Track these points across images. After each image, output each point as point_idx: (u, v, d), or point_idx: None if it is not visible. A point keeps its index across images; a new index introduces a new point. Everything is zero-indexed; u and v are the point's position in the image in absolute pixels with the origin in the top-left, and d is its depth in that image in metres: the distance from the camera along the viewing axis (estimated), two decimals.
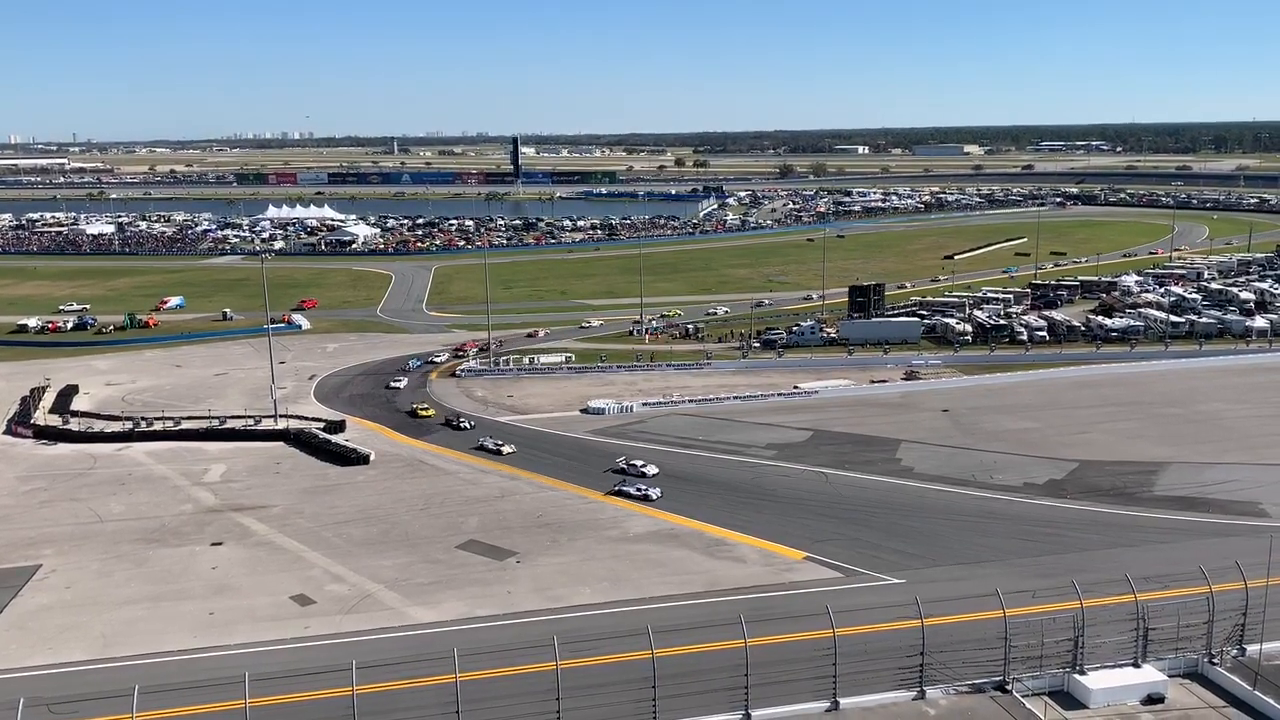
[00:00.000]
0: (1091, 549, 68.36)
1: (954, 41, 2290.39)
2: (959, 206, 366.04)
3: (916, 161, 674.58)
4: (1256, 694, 48.26)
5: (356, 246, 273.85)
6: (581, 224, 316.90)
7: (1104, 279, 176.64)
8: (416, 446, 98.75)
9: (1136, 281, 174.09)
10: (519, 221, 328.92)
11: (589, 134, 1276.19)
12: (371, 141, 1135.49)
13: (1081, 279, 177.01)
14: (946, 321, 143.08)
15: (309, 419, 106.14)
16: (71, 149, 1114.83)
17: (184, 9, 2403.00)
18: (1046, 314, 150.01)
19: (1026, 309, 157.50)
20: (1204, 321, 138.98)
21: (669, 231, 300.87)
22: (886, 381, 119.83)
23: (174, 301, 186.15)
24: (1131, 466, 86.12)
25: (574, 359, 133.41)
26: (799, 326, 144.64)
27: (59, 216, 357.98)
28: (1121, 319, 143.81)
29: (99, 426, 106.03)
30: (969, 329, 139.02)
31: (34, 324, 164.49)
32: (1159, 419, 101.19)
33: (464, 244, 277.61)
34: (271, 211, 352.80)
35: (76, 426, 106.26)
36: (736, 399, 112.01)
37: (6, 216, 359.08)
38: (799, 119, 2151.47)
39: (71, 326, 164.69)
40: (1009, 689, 49.71)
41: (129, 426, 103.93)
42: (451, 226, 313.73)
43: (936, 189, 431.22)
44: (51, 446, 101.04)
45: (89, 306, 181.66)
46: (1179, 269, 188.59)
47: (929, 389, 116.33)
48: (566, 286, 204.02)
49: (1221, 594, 51.42)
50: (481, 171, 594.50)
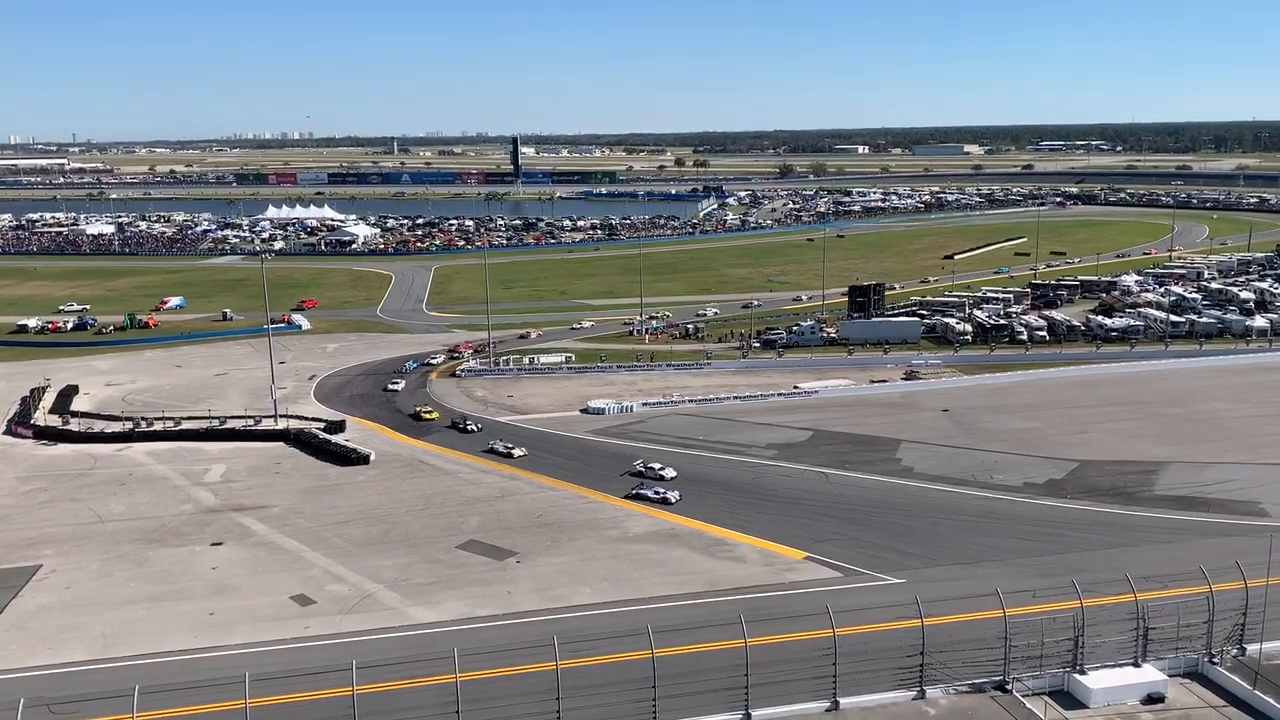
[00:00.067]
0: (1092, 549, 68.35)
1: (954, 41, 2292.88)
2: (959, 206, 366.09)
3: (916, 161, 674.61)
4: (1257, 693, 48.26)
5: (356, 246, 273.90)
6: (581, 224, 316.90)
7: (1104, 279, 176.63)
8: (417, 446, 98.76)
9: (1136, 281, 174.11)
10: (519, 221, 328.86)
11: (589, 134, 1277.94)
12: (371, 141, 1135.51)
13: (1081, 279, 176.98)
14: (946, 321, 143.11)
15: (309, 419, 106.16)
16: (71, 149, 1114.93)
17: (184, 9, 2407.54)
18: (1046, 314, 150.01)
19: (1026, 309, 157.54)
20: (1204, 321, 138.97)
21: (669, 231, 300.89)
22: (886, 381, 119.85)
23: (174, 302, 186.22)
24: (1132, 466, 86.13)
25: (574, 359, 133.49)
26: (799, 326, 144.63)
27: (59, 217, 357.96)
28: (1121, 319, 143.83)
29: (99, 427, 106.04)
30: (969, 329, 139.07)
31: (34, 324, 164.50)
32: (1159, 419, 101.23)
33: (464, 244, 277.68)
34: (271, 212, 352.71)
35: (77, 427, 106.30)
36: (736, 399, 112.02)
37: (6, 217, 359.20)
38: (799, 119, 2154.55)
39: (71, 327, 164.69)
40: (1009, 689, 49.70)
41: (129, 427, 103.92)
42: (451, 226, 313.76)
43: (936, 189, 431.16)
44: (52, 447, 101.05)
45: (89, 307, 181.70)
46: (1179, 269, 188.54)
47: (929, 389, 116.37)
48: (566, 286, 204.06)
49: (1221, 594, 51.42)
50: (481, 171, 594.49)
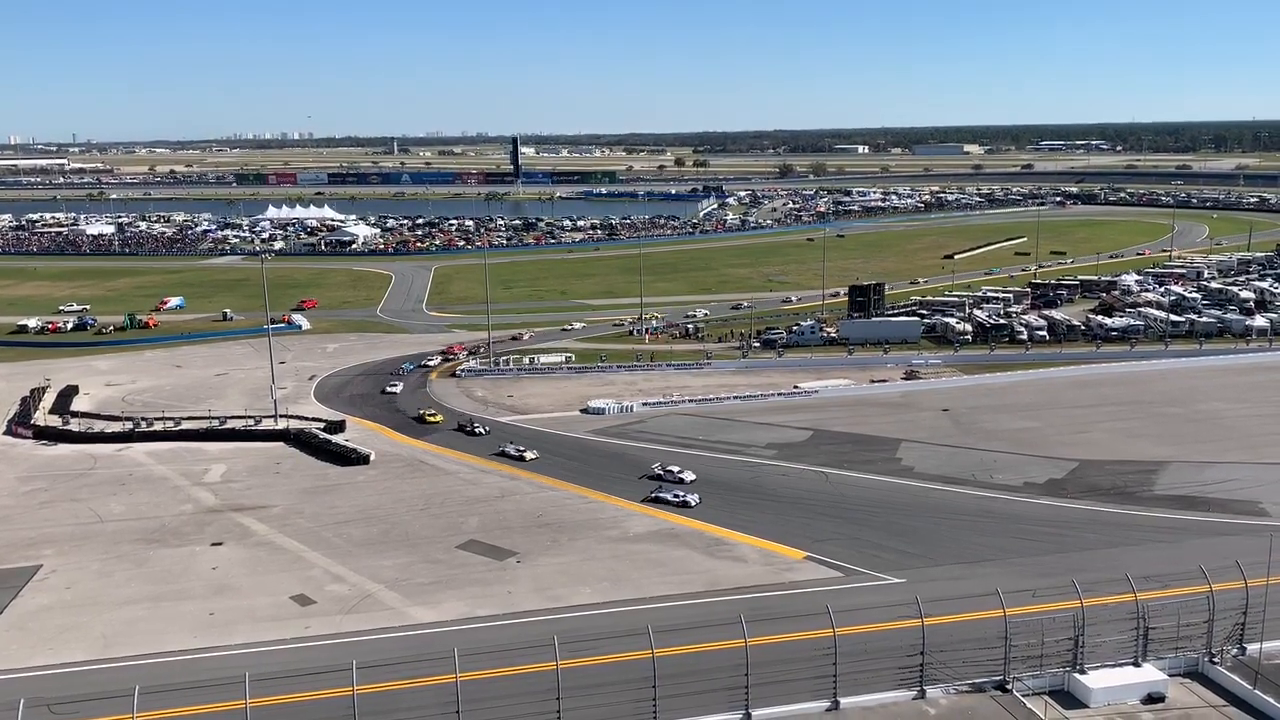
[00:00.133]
0: (1092, 548, 68.36)
1: (954, 41, 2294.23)
2: (959, 206, 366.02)
3: (916, 161, 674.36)
4: (1257, 693, 48.28)
5: (356, 247, 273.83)
6: (581, 224, 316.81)
7: (1104, 278, 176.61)
8: (417, 446, 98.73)
9: (1136, 281, 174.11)
10: (519, 221, 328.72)
11: (589, 134, 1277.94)
12: (371, 142, 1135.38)
13: (1081, 278, 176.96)
14: (946, 321, 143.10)
15: (309, 419, 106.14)
16: (71, 149, 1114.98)
17: (184, 9, 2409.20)
18: (1046, 313, 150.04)
19: (1026, 308, 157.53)
20: (1204, 321, 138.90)
21: (669, 231, 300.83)
22: (886, 381, 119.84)
23: (174, 302, 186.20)
24: (1132, 466, 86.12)
25: (574, 359, 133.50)
26: (799, 326, 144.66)
27: (59, 217, 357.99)
28: (1121, 318, 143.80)
29: (99, 427, 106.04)
30: (969, 328, 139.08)
31: (34, 324, 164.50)
32: (1159, 418, 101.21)
33: (464, 244, 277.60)
34: (271, 212, 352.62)
35: (77, 427, 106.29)
36: (736, 399, 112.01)
37: (6, 217, 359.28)
38: (799, 119, 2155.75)
39: (71, 327, 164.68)
40: (1009, 688, 49.71)
41: (129, 427, 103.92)
42: (451, 226, 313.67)
43: (936, 188, 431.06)
44: (52, 447, 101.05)
45: (89, 307, 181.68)
46: (1179, 268, 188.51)
47: (929, 388, 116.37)
48: (566, 286, 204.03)
49: (1222, 593, 51.43)
50: (481, 171, 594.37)
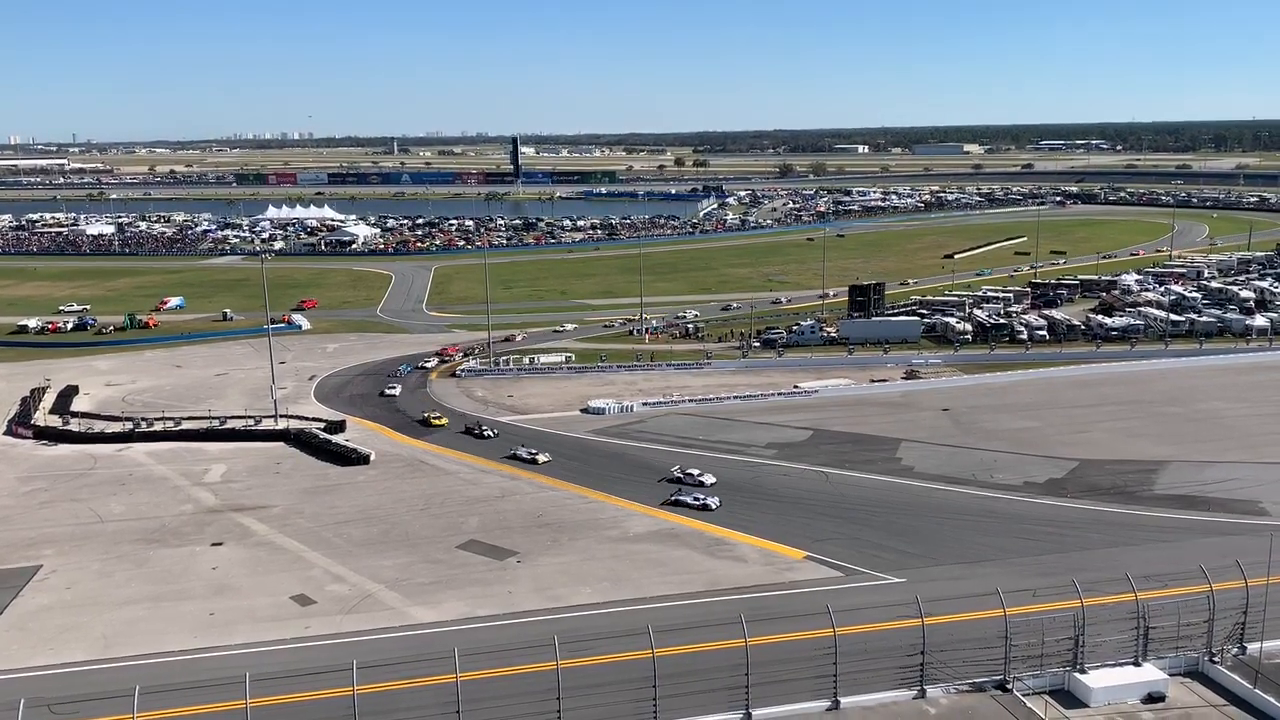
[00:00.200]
0: (1092, 548, 68.36)
1: (954, 41, 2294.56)
2: (959, 205, 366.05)
3: (916, 161, 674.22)
4: (1257, 692, 48.26)
5: (356, 247, 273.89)
6: (581, 224, 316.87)
7: (1104, 278, 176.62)
8: (417, 446, 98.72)
9: (1136, 280, 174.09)
10: (519, 221, 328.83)
11: (589, 134, 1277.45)
12: (371, 142, 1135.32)
13: (1081, 278, 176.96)
14: (946, 321, 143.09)
15: (309, 419, 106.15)
16: (71, 149, 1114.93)
17: (184, 9, 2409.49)
18: (1046, 313, 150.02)
19: (1026, 308, 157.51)
20: (1204, 320, 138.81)
21: (669, 231, 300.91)
22: (886, 381, 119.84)
23: (174, 302, 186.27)
24: (1132, 465, 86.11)
25: (574, 359, 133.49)
26: (799, 326, 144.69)
27: (59, 217, 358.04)
28: (1121, 318, 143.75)
29: (99, 427, 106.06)
30: (969, 328, 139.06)
31: (34, 324, 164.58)
32: (1159, 418, 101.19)
33: (464, 244, 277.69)
34: (271, 212, 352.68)
35: (77, 427, 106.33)
36: (737, 398, 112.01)
37: (6, 217, 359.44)
38: (798, 118, 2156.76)
39: (71, 327, 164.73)
40: (1009, 688, 49.69)
41: (129, 427, 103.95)
42: (451, 226, 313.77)
43: (936, 188, 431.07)
44: (52, 447, 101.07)
45: (89, 307, 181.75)
46: (1179, 268, 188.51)
47: (929, 388, 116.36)
48: (566, 286, 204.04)
49: (1222, 592, 51.40)
50: (481, 171, 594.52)
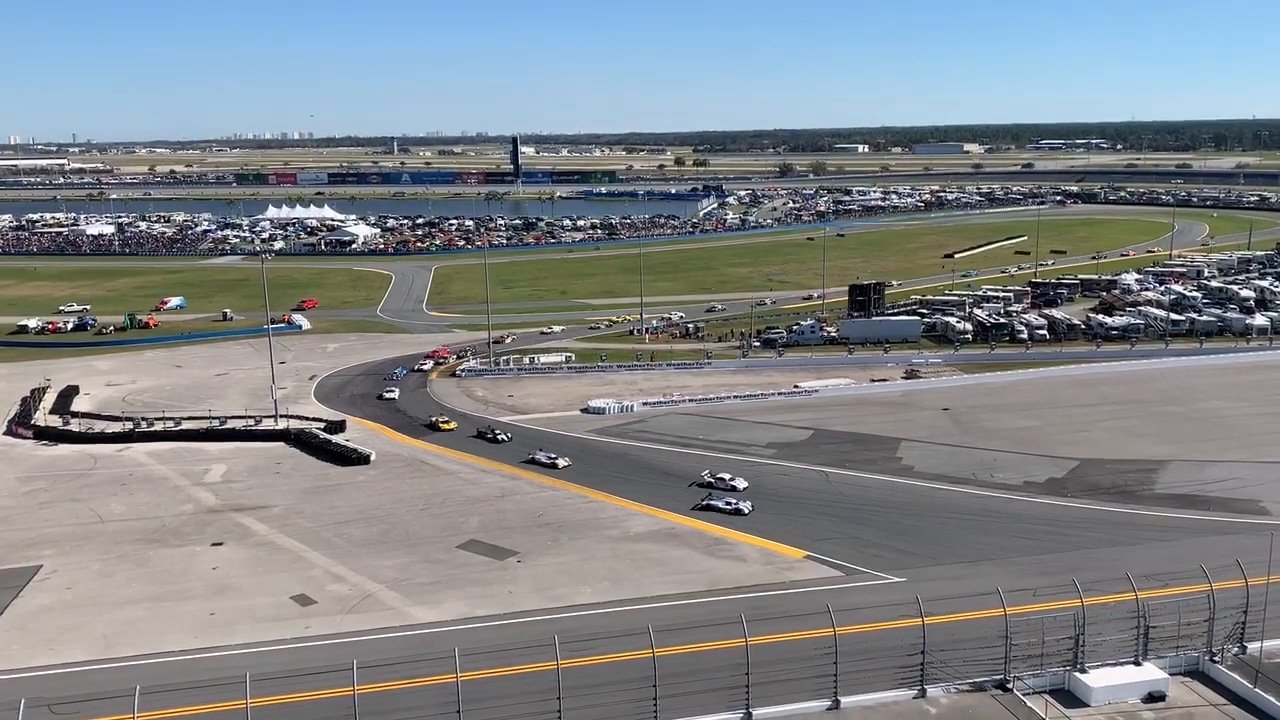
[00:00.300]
0: (1092, 547, 68.37)
1: (953, 40, 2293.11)
2: (959, 205, 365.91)
3: (916, 160, 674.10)
4: (1258, 691, 48.26)
5: (356, 246, 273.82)
6: (581, 223, 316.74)
7: (1104, 277, 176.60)
8: (417, 446, 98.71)
9: (1137, 280, 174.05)
10: (519, 221, 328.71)
11: (589, 134, 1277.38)
12: (371, 141, 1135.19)
13: (1081, 277, 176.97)
14: (947, 320, 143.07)
15: (309, 419, 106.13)
16: (71, 149, 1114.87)
17: (184, 9, 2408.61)
18: (1047, 312, 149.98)
19: (1027, 307, 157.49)
20: (1204, 319, 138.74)
21: (669, 231, 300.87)
22: (887, 380, 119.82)
23: (174, 302, 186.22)
24: (1132, 465, 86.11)
25: (574, 358, 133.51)
26: (799, 326, 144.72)
27: (59, 217, 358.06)
28: (1122, 317, 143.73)
29: (99, 427, 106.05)
30: (969, 328, 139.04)
31: (34, 325, 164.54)
32: (1159, 417, 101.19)
33: (464, 244, 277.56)
34: (271, 212, 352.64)
35: (77, 427, 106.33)
36: (737, 398, 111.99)
37: (6, 217, 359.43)
38: (798, 118, 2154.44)
39: (72, 327, 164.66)
40: (1010, 687, 49.69)
41: (129, 427, 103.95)
42: (451, 226, 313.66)
43: (936, 187, 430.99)
44: (52, 447, 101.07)
45: (89, 307, 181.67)
46: (1179, 267, 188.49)
47: (929, 388, 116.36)
48: (566, 286, 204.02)
49: (1222, 592, 51.40)
50: (481, 171, 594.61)
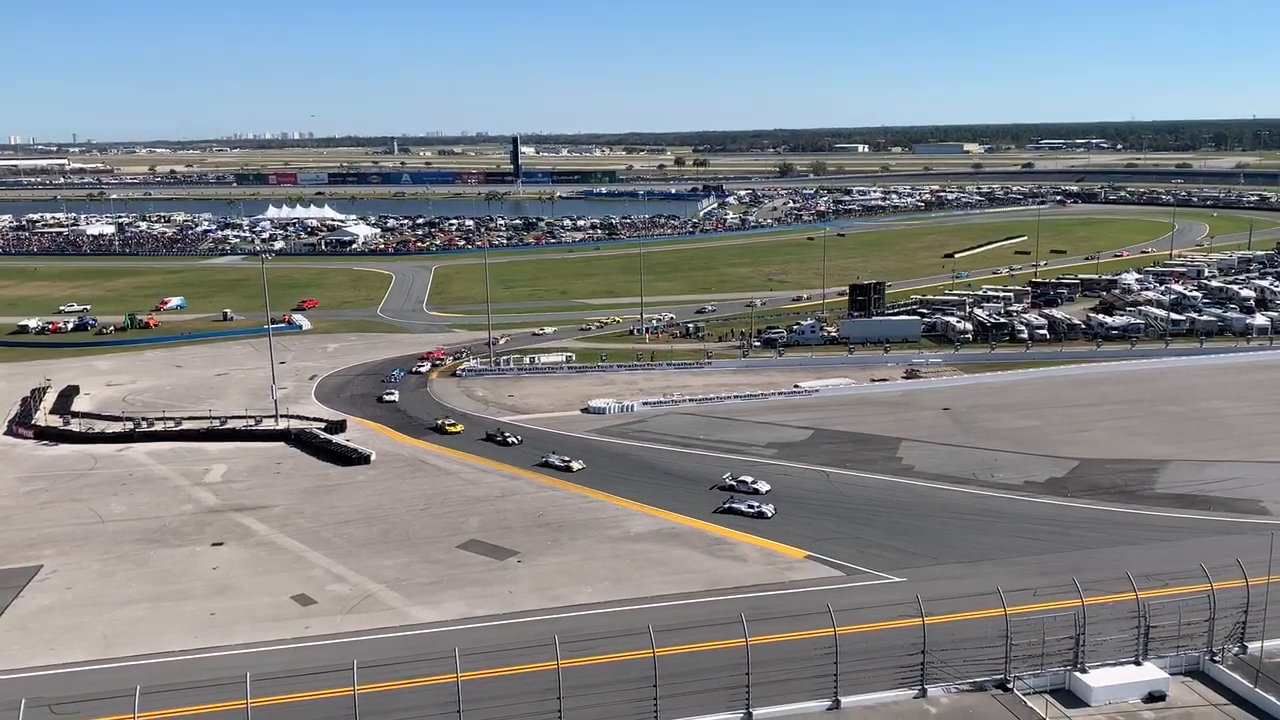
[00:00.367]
0: (1092, 547, 68.30)
1: (954, 40, 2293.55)
2: (959, 205, 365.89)
3: (916, 160, 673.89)
4: (1258, 691, 48.21)
5: (356, 246, 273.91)
6: (581, 223, 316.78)
7: (1104, 277, 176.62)
8: (418, 446, 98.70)
9: (1137, 279, 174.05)
10: (519, 221, 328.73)
11: (589, 134, 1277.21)
12: (371, 141, 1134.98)
13: (1082, 277, 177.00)
14: (947, 320, 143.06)
15: (310, 419, 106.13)
16: (71, 149, 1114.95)
17: (184, 9, 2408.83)
18: (1047, 312, 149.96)
19: (1027, 307, 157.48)
20: (1204, 319, 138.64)
21: (669, 231, 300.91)
22: (887, 380, 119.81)
23: (174, 302, 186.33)
24: (1132, 464, 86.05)
25: (574, 358, 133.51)
26: (799, 325, 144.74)
27: (59, 217, 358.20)
28: (1122, 317, 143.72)
29: (100, 427, 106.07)
30: (969, 327, 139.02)
31: (34, 325, 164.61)
32: (1160, 417, 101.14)
33: (464, 244, 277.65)
34: (271, 212, 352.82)
35: (77, 427, 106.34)
36: (737, 398, 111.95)
37: (7, 217, 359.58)
38: (798, 118, 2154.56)
39: (72, 327, 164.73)
40: (1010, 687, 49.65)
41: (130, 427, 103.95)
42: (452, 226, 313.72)
43: (936, 187, 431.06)
44: (52, 447, 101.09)
45: (89, 307, 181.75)
46: (1179, 267, 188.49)
47: (930, 387, 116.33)
48: (566, 286, 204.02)
49: (1223, 592, 51.33)
50: (481, 171, 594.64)
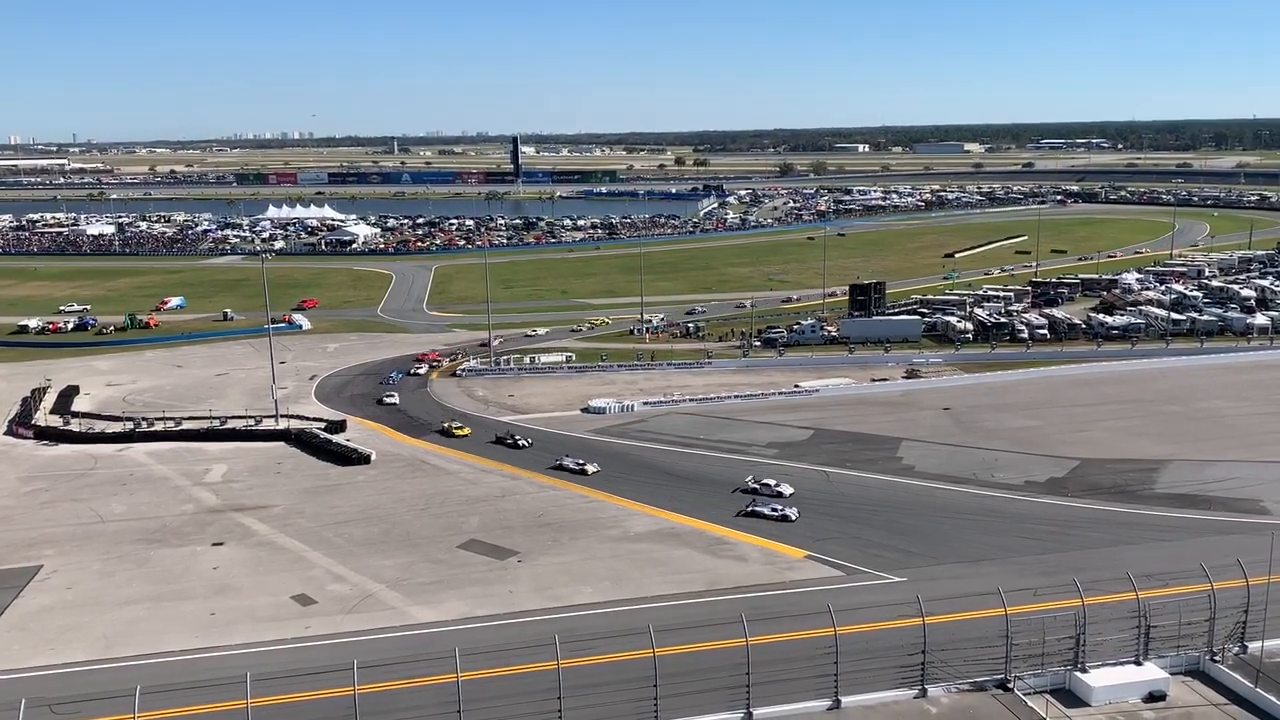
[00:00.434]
0: (1093, 547, 68.33)
1: (953, 39, 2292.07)
2: (959, 204, 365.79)
3: (917, 160, 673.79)
4: (1258, 691, 48.24)
5: (357, 246, 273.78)
6: (582, 223, 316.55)
7: (1104, 276, 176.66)
8: (418, 446, 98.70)
9: (1137, 279, 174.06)
10: (519, 221, 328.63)
11: (589, 133, 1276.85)
12: (372, 141, 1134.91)
13: (1082, 276, 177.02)
14: (947, 320, 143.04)
15: (310, 419, 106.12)
16: (71, 149, 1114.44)
17: (184, 9, 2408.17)
18: (1047, 312, 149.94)
19: (1027, 307, 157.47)
20: (1205, 319, 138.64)
21: (669, 230, 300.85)
22: (887, 380, 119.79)
23: (174, 302, 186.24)
24: (1133, 464, 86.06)
25: (574, 358, 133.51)
26: (800, 325, 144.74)
27: (59, 217, 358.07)
28: (1122, 317, 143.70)
29: (100, 427, 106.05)
30: (970, 327, 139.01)
31: (35, 325, 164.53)
32: (1160, 417, 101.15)
33: (464, 244, 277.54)
34: (272, 211, 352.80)
35: (77, 427, 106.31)
36: (737, 398, 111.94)
37: (7, 217, 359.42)
38: (799, 117, 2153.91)
39: (72, 327, 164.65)
40: (1010, 687, 49.67)
41: (130, 427, 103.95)
42: (452, 226, 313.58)
43: (937, 187, 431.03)
44: (52, 447, 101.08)
45: (89, 307, 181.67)
46: (1180, 266, 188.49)
47: (930, 387, 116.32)
48: (567, 286, 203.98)
49: (1223, 591, 51.35)
50: (481, 171, 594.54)
